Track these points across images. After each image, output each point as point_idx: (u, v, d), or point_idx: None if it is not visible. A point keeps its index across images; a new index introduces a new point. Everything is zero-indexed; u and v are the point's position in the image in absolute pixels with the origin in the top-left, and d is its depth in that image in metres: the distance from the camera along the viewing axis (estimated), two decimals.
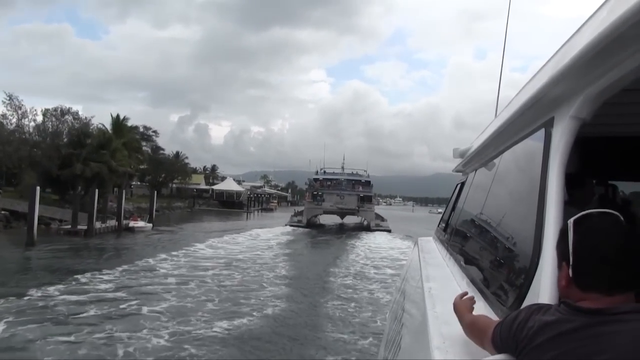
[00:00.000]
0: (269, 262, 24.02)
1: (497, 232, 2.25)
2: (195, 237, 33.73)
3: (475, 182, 3.57)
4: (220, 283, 18.10)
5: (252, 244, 32.07)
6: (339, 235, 45.18)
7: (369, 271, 23.40)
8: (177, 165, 77.42)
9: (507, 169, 2.49)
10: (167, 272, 19.84)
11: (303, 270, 22.42)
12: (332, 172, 60.68)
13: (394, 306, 4.98)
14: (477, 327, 1.42)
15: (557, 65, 1.52)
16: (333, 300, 16.37)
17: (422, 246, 4.89)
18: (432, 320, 1.84)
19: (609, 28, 1.13)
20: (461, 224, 3.51)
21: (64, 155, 39.57)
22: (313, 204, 54.36)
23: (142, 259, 22.29)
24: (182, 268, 20.92)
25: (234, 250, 27.86)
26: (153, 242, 30.49)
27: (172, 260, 22.64)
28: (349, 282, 20.15)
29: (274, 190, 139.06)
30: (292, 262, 24.69)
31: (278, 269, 22.08)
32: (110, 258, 23.11)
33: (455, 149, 4.49)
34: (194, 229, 40.74)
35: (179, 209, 66.16)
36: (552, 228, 1.40)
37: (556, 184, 1.51)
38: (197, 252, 26.15)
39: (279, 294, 16.82)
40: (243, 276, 19.87)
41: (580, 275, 1.08)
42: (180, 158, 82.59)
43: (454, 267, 2.89)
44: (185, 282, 17.84)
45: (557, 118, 1.65)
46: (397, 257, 27.19)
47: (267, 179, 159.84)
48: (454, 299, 1.62)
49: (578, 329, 1.02)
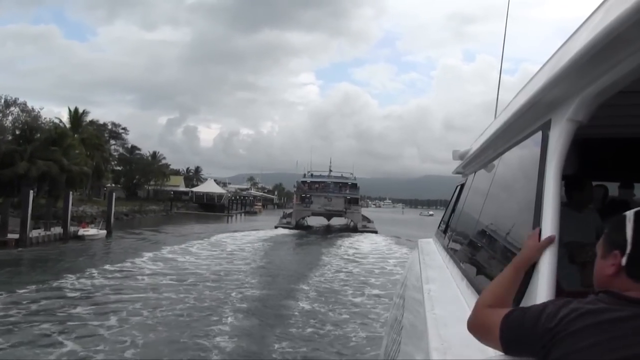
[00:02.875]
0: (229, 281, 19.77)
1: (496, 233, 2.30)
2: (153, 246, 29.98)
3: (475, 183, 3.63)
4: (154, 312, 14.24)
5: (215, 254, 27.93)
6: (325, 236, 47.23)
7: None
8: (153, 166, 72.65)
9: (506, 170, 2.55)
10: (85, 293, 16.35)
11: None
12: (319, 175, 62.71)
13: (394, 308, 5.01)
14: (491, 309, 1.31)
15: (553, 68, 1.57)
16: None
17: (422, 248, 4.88)
18: (431, 322, 1.87)
19: (606, 30, 1.16)
20: (460, 226, 3.58)
21: (4, 152, 34.41)
22: (301, 206, 55.91)
23: (61, 275, 18.77)
24: (106, 289, 17.16)
25: (191, 264, 23.91)
26: (96, 253, 26.55)
27: (98, 278, 18.92)
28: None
29: (261, 192, 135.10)
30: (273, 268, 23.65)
31: (246, 288, 18.56)
32: (20, 274, 19.48)
33: (454, 151, 4.49)
34: (158, 237, 36.55)
35: (153, 213, 61.19)
36: (549, 229, 1.45)
37: (553, 185, 1.55)
38: (142, 266, 22.25)
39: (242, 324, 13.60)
40: (187, 302, 15.77)
41: (636, 265, 1.08)
42: (158, 158, 77.91)
43: (454, 269, 2.93)
44: (101, 310, 14.20)
45: (554, 120, 1.68)
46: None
47: (253, 181, 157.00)
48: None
49: (625, 318, 1.00)
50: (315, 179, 61.05)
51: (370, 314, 15.04)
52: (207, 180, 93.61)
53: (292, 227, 50.74)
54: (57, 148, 37.41)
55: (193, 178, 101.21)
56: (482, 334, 1.28)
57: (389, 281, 20.22)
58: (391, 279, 20.72)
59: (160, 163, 79.64)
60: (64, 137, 39.54)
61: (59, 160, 36.47)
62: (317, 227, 55.37)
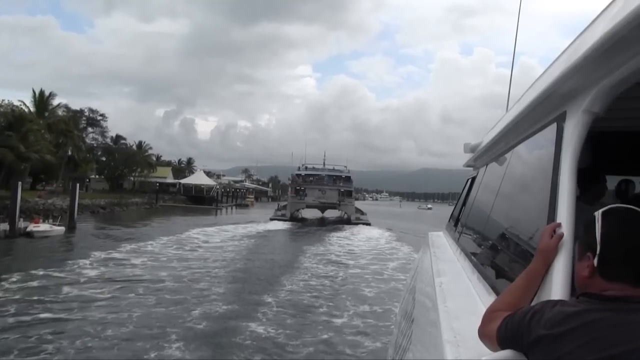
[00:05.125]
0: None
1: (508, 227, 2.28)
2: (113, 244, 25.93)
3: (486, 177, 3.61)
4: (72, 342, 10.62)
5: (181, 254, 24.14)
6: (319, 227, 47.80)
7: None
8: (139, 156, 68.55)
9: (519, 163, 2.52)
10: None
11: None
12: (314, 168, 64.43)
13: (405, 301, 5.00)
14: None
15: (570, 58, 1.54)
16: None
17: (433, 241, 4.89)
18: (443, 315, 1.88)
19: (625, 20, 1.13)
20: (472, 219, 3.59)
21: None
22: (296, 198, 57.64)
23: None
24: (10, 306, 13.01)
25: (146, 268, 20.10)
26: (33, 255, 21.48)
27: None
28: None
29: (255, 185, 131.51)
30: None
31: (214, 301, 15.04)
32: None
33: (466, 144, 4.50)
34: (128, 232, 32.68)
35: (135, 206, 57.18)
36: (564, 223, 1.42)
37: (568, 178, 1.52)
38: (79, 272, 18.27)
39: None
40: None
41: (607, 265, 1.10)
42: (144, 148, 73.81)
43: (465, 262, 2.94)
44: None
45: (569, 112, 1.65)
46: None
47: (248, 173, 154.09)
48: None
49: (604, 318, 1.01)
50: (310, 171, 62.90)
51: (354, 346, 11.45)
52: (197, 172, 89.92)
53: (287, 219, 52.40)
54: (12, 133, 33.14)
55: (185, 170, 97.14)
56: (487, 338, 1.27)
57: (384, 292, 16.42)
58: (389, 287, 17.00)
59: (146, 153, 75.41)
60: (22, 121, 35.22)
61: (15, 146, 32.27)
62: (311, 220, 56.78)
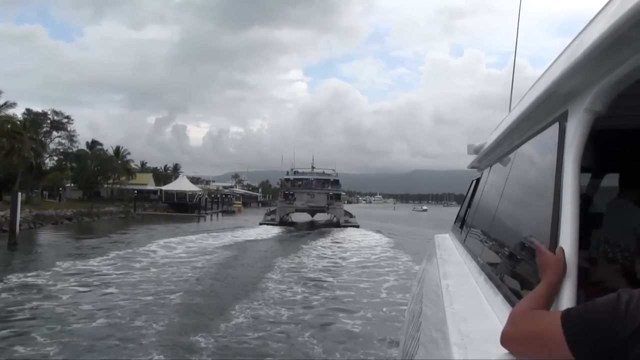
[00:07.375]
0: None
1: (513, 227, 2.31)
2: (48, 262, 21.83)
3: (490, 178, 3.63)
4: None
5: (130, 278, 19.64)
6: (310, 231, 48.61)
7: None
8: (115, 162, 64.18)
9: (522, 164, 2.55)
10: None
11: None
12: (302, 172, 64.96)
13: (412, 304, 4.96)
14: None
15: (570, 57, 1.53)
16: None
17: (439, 243, 4.89)
18: (451, 317, 1.86)
19: (625, 16, 1.12)
20: (477, 221, 3.61)
21: None
22: (285, 202, 58.50)
23: None
24: None
25: (78, 296, 16.15)
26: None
27: None
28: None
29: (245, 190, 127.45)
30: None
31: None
32: None
33: (469, 145, 4.56)
34: (82, 247, 28.34)
35: (109, 215, 52.64)
36: (568, 222, 1.42)
37: (572, 178, 1.51)
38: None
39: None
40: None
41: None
42: (122, 154, 69.46)
43: (471, 264, 2.96)
44: None
45: (570, 111, 1.64)
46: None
47: (239, 179, 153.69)
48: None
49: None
50: (298, 176, 63.47)
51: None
52: (179, 177, 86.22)
53: (277, 223, 53.15)
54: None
55: (171, 176, 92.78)
56: (531, 344, 1.07)
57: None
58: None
59: (125, 159, 70.95)
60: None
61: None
62: (301, 223, 57.33)
